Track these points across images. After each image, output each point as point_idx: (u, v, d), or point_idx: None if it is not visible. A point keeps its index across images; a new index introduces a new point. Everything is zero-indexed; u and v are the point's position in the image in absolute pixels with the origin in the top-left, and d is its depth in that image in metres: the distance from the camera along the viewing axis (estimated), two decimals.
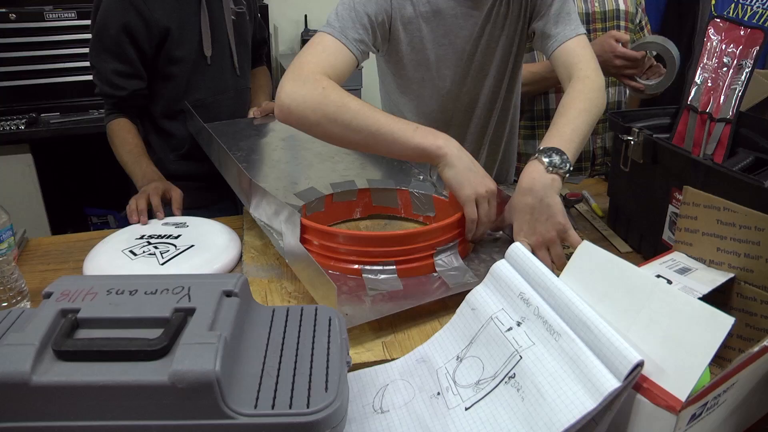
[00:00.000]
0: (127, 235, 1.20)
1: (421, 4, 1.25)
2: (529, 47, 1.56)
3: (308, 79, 1.08)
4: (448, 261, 1.03)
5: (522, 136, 1.77)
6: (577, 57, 1.22)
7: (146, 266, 1.09)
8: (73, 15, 2.51)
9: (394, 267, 1.00)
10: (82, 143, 2.70)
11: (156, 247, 1.15)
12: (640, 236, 1.20)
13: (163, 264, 1.09)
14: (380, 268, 1.00)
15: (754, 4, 2.02)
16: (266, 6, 3.01)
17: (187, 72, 1.52)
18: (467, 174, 1.03)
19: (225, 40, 1.59)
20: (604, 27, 1.72)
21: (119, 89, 1.47)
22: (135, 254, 1.13)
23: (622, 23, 1.74)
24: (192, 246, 1.15)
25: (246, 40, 1.69)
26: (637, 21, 1.81)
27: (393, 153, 1.07)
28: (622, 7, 1.74)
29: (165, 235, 1.19)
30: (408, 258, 1.00)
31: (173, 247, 1.15)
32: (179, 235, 1.19)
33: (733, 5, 2.01)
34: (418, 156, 1.05)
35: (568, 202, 1.38)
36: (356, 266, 1.00)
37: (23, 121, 2.49)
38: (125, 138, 1.50)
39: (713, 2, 2.00)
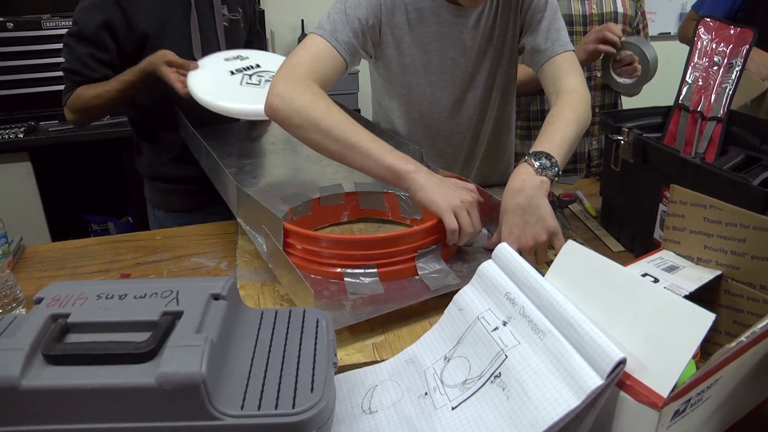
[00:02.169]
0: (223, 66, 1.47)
1: (409, 11, 1.26)
2: None
3: (299, 82, 1.11)
4: (430, 264, 1.04)
5: (518, 136, 1.78)
6: (565, 72, 1.25)
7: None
8: (70, 23, 2.52)
9: (376, 270, 1.00)
10: (81, 151, 2.72)
11: (260, 76, 1.36)
12: (632, 235, 1.21)
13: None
14: (362, 271, 1.00)
15: None
16: (263, 11, 3.03)
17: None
18: (438, 190, 1.03)
19: (215, 46, 1.59)
20: None
21: (92, 71, 1.47)
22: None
23: (620, 26, 1.73)
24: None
25: (238, 47, 1.69)
26: (635, 24, 1.81)
27: (365, 169, 1.08)
28: (620, 9, 1.74)
29: (250, 67, 1.43)
30: (389, 261, 1.01)
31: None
32: (257, 64, 1.47)
33: None
34: (389, 175, 1.06)
35: (562, 203, 1.39)
36: (338, 270, 1.01)
37: (22, 129, 2.51)
38: (100, 85, 1.48)
39: None
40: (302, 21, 3.42)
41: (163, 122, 1.58)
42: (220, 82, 1.38)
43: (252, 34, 1.78)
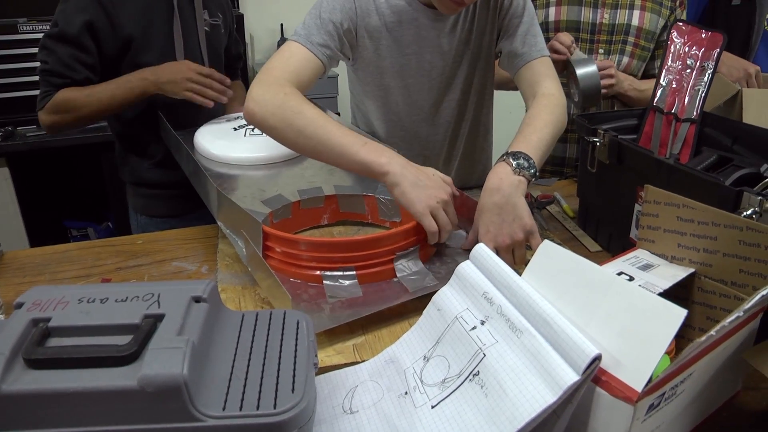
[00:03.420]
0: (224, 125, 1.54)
1: (386, 14, 1.28)
2: None
3: (272, 84, 1.13)
4: (408, 266, 1.04)
5: None
6: (541, 76, 1.28)
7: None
8: (47, 27, 2.50)
9: (354, 273, 1.01)
10: (60, 156, 2.70)
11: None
12: (609, 235, 1.23)
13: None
14: (340, 274, 1.01)
15: None
16: (242, 16, 3.02)
17: None
18: (413, 190, 1.02)
19: (197, 50, 1.60)
20: (609, 40, 1.68)
21: (75, 72, 1.44)
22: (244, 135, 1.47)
23: (632, 39, 1.68)
24: None
25: (219, 52, 1.70)
26: (665, 38, 1.67)
27: (340, 164, 1.09)
28: (635, 22, 1.66)
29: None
30: (368, 264, 1.01)
31: None
32: None
33: None
34: (363, 171, 1.07)
35: (540, 204, 1.41)
36: (317, 272, 1.01)
37: None
38: (90, 88, 1.46)
39: None
40: (281, 25, 3.42)
41: (146, 126, 1.58)
42: (225, 136, 1.48)
43: (231, 39, 1.79)
